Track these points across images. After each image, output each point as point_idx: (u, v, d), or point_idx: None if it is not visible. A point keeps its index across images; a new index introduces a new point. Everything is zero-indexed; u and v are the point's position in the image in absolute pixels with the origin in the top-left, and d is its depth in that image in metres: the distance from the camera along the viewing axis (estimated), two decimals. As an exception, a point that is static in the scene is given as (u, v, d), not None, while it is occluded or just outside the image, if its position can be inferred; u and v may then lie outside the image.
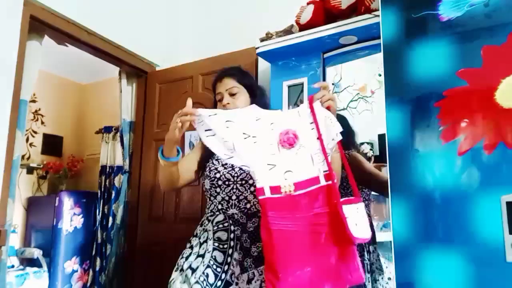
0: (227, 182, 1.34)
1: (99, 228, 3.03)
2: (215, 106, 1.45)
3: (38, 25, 2.03)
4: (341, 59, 1.95)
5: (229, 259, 1.23)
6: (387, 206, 1.78)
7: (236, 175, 1.35)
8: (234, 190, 1.33)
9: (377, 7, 1.47)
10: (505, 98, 1.10)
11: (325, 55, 1.96)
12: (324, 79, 1.95)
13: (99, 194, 3.17)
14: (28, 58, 1.98)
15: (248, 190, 1.33)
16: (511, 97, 1.10)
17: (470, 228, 1.11)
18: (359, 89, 2.00)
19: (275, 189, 1.05)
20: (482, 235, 1.09)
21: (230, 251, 1.25)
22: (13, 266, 3.13)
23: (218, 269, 1.21)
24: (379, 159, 1.86)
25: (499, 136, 1.10)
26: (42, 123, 3.87)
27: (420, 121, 1.24)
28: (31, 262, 3.21)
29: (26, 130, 3.55)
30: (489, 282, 1.07)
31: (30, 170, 3.64)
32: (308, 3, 1.96)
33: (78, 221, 3.25)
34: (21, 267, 3.18)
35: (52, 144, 3.92)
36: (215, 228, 1.29)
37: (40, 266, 3.15)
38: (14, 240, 3.29)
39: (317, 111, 1.13)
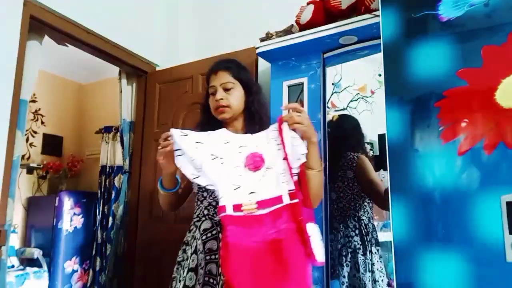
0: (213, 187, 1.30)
1: (99, 228, 3.03)
2: (207, 100, 1.41)
3: (38, 25, 2.03)
4: (341, 59, 1.95)
5: (220, 269, 1.18)
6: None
7: None
8: None
9: (377, 7, 1.47)
10: (505, 98, 1.10)
11: (325, 55, 1.96)
12: (324, 79, 1.95)
13: (99, 194, 3.17)
14: (28, 58, 1.97)
15: None
16: (511, 97, 1.10)
17: (470, 228, 1.11)
18: (359, 89, 2.00)
19: (237, 207, 1.06)
20: (482, 235, 1.09)
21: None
22: (13, 266, 3.12)
23: (214, 282, 1.17)
24: (379, 159, 1.86)
25: (499, 136, 1.10)
26: (42, 123, 3.87)
27: (420, 121, 1.24)
28: (31, 262, 3.21)
29: (26, 130, 3.55)
30: (489, 282, 1.07)
31: (30, 170, 3.64)
32: (308, 3, 1.96)
33: (78, 221, 3.25)
34: (21, 267, 3.18)
35: (52, 144, 3.92)
36: (204, 237, 1.24)
37: (40, 266, 3.15)
38: (14, 240, 3.28)
39: (284, 132, 1.15)
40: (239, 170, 1.12)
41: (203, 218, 1.28)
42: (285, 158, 1.12)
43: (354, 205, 1.83)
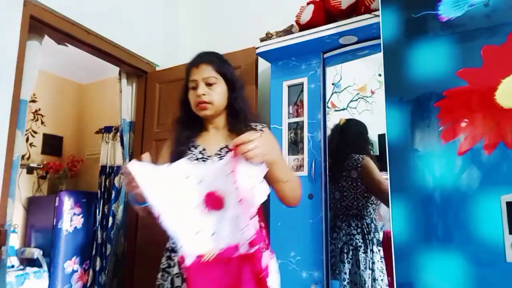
0: None
1: (99, 228, 3.03)
2: (186, 94, 1.31)
3: (38, 25, 2.03)
4: (341, 59, 1.95)
5: None
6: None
7: None
8: None
9: (377, 7, 1.47)
10: (505, 98, 1.10)
11: (325, 55, 1.96)
12: (324, 79, 1.95)
13: (99, 194, 3.17)
14: (28, 58, 1.97)
15: None
16: (511, 97, 1.10)
17: (470, 228, 1.11)
18: (359, 89, 2.00)
19: (199, 257, 0.97)
20: (482, 235, 1.09)
21: None
22: (13, 266, 3.12)
23: None
24: (379, 159, 1.86)
25: (499, 136, 1.10)
26: (42, 123, 3.87)
27: (420, 121, 1.24)
28: (31, 262, 3.20)
29: (26, 130, 3.55)
30: (489, 282, 1.07)
31: (30, 170, 3.64)
32: (308, 3, 1.96)
33: (78, 221, 3.25)
34: (21, 267, 3.18)
35: (52, 144, 3.92)
36: None
37: (40, 266, 3.15)
38: (14, 240, 3.28)
39: (239, 171, 0.96)
40: (199, 211, 1.02)
41: None
42: (240, 202, 0.96)
43: (357, 205, 1.85)
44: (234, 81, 1.31)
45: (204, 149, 1.26)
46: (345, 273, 1.75)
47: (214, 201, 1.01)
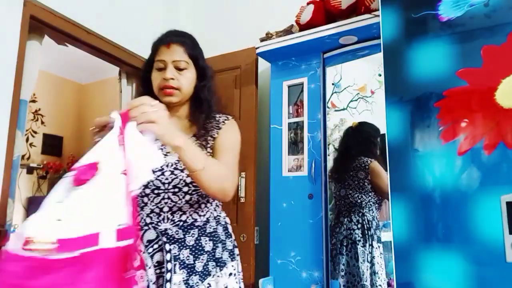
0: (156, 191, 1.09)
1: (99, 228, 3.03)
2: (148, 73, 1.16)
3: (38, 25, 2.03)
4: (341, 59, 1.95)
5: (168, 286, 1.02)
6: (387, 206, 1.78)
7: (167, 181, 1.09)
8: (166, 200, 1.09)
9: (377, 7, 1.47)
10: (505, 98, 1.10)
11: (325, 55, 1.96)
12: (324, 79, 1.95)
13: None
14: (28, 58, 1.97)
15: (183, 200, 1.10)
16: (511, 97, 1.10)
17: (470, 228, 1.11)
18: (359, 89, 2.00)
19: (26, 242, 0.62)
20: (482, 235, 1.09)
21: (168, 275, 1.03)
22: (13, 266, 3.12)
23: None
24: (379, 159, 1.87)
25: (499, 136, 1.10)
26: (42, 123, 3.87)
27: (420, 121, 1.24)
28: (31, 262, 3.20)
29: (26, 130, 3.55)
30: (489, 282, 1.07)
31: (30, 170, 3.64)
32: (308, 3, 1.96)
33: (78, 221, 3.25)
34: (21, 267, 3.18)
35: (52, 144, 3.92)
36: (150, 249, 1.07)
37: (40, 266, 3.15)
38: (14, 240, 3.28)
39: (128, 136, 0.78)
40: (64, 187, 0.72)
41: (146, 228, 1.08)
42: (124, 173, 0.74)
43: (360, 202, 1.88)
44: (205, 68, 1.19)
45: (163, 145, 1.07)
46: (343, 264, 1.80)
47: (78, 172, 0.72)
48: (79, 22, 2.21)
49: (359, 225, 1.84)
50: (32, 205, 3.54)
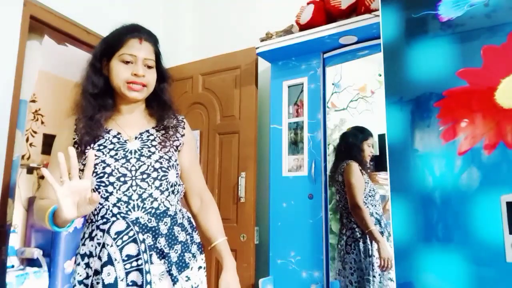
0: (122, 179, 1.03)
1: (99, 228, 3.02)
2: (102, 62, 1.14)
3: (38, 25, 2.03)
4: (341, 59, 1.95)
5: (148, 277, 0.98)
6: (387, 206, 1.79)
7: (134, 168, 1.05)
8: (134, 188, 1.04)
9: (377, 7, 1.47)
10: (505, 98, 1.10)
11: (325, 55, 1.96)
12: (324, 79, 1.96)
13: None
14: (28, 58, 1.97)
15: (153, 186, 1.06)
16: (511, 97, 1.10)
17: (470, 228, 1.11)
18: (359, 89, 2.00)
19: None
20: (482, 235, 1.09)
21: (147, 267, 0.99)
22: (13, 266, 3.12)
23: None
24: (379, 159, 1.87)
25: (499, 136, 1.10)
26: (42, 123, 3.86)
27: (420, 121, 1.24)
28: (31, 262, 3.20)
29: (26, 130, 3.55)
30: (489, 282, 1.07)
31: (30, 170, 3.63)
32: (308, 3, 1.96)
33: (78, 221, 3.24)
34: (21, 267, 3.17)
35: (52, 144, 3.90)
36: (119, 242, 1.00)
37: (40, 266, 3.15)
38: (14, 240, 3.28)
39: None
40: None
41: (113, 219, 1.02)
42: None
43: (347, 205, 1.92)
44: (164, 70, 1.21)
45: (119, 133, 1.11)
46: (351, 263, 1.84)
47: None
48: (79, 22, 2.21)
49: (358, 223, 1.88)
50: (32, 205, 3.53)
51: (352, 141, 1.98)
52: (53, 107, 3.95)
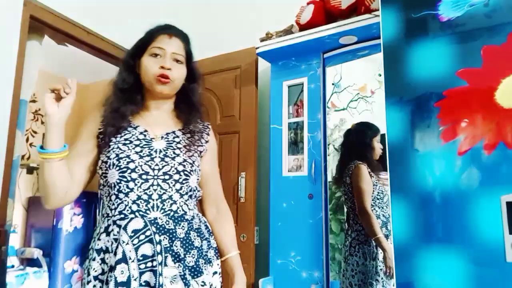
0: (144, 176, 1.03)
1: (99, 228, 3.03)
2: (135, 57, 1.16)
3: (38, 25, 2.03)
4: (341, 59, 1.95)
5: (161, 280, 0.96)
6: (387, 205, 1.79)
7: (157, 167, 1.05)
8: (155, 187, 1.03)
9: (377, 7, 1.47)
10: (505, 98, 1.10)
11: (325, 55, 1.96)
12: (324, 79, 1.96)
13: (99, 194, 3.16)
14: (28, 58, 1.97)
15: (173, 188, 1.06)
16: (511, 97, 1.10)
17: (470, 228, 1.11)
18: (359, 89, 2.00)
19: None
20: (482, 235, 1.09)
21: (160, 269, 0.97)
22: (13, 266, 3.12)
23: None
24: (379, 159, 1.87)
25: (499, 136, 1.10)
26: (42, 123, 3.86)
27: (420, 121, 1.24)
28: (31, 262, 3.20)
29: (26, 130, 3.55)
30: (489, 282, 1.07)
31: (30, 170, 3.64)
32: (308, 3, 1.96)
33: (78, 221, 3.25)
34: (21, 267, 3.17)
35: (52, 144, 3.91)
36: (135, 240, 0.99)
37: (40, 266, 3.15)
38: (14, 240, 3.28)
39: None
40: None
41: (131, 216, 1.01)
42: None
43: (354, 207, 1.89)
44: (195, 70, 1.20)
45: (145, 130, 1.12)
46: (354, 265, 1.83)
47: None
48: (79, 22, 2.21)
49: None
50: (32, 205, 3.54)
51: (361, 139, 1.92)
52: (53, 107, 3.95)
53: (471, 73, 1.17)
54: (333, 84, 2.00)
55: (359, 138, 1.94)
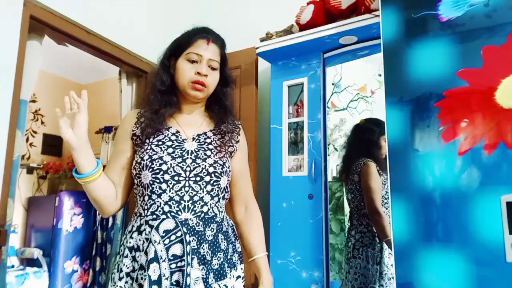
0: (176, 178, 1.05)
1: (99, 228, 3.03)
2: (170, 60, 1.17)
3: (38, 25, 2.03)
4: (341, 59, 1.95)
5: (188, 280, 0.98)
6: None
7: (188, 169, 1.06)
8: (187, 189, 1.05)
9: (377, 7, 1.47)
10: (505, 98, 1.10)
11: (325, 55, 1.96)
12: (324, 79, 1.96)
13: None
14: (28, 58, 1.97)
15: (204, 190, 1.07)
16: (511, 97, 1.10)
17: (470, 228, 1.11)
18: (359, 89, 2.00)
19: None
20: (482, 235, 1.09)
21: (188, 269, 0.99)
22: (13, 266, 3.12)
23: None
24: (380, 161, 1.86)
25: (499, 136, 1.10)
26: (42, 123, 3.87)
27: (420, 121, 1.24)
28: (31, 262, 3.20)
29: (26, 130, 3.55)
30: (489, 282, 1.07)
31: (30, 170, 3.64)
32: (308, 3, 1.96)
33: (78, 221, 3.25)
34: (21, 267, 3.18)
35: (52, 144, 3.92)
36: (166, 241, 1.01)
37: (40, 266, 3.15)
38: (14, 240, 3.28)
39: None
40: None
41: (163, 216, 1.03)
42: None
43: (364, 206, 1.87)
44: (228, 74, 1.23)
45: (177, 132, 1.14)
46: (356, 267, 1.82)
47: None
48: (79, 22, 2.21)
49: (369, 227, 1.83)
50: (32, 205, 3.54)
51: (369, 136, 1.88)
52: (53, 107, 3.94)
53: (471, 73, 1.17)
54: (333, 84, 2.00)
55: (366, 135, 1.91)
